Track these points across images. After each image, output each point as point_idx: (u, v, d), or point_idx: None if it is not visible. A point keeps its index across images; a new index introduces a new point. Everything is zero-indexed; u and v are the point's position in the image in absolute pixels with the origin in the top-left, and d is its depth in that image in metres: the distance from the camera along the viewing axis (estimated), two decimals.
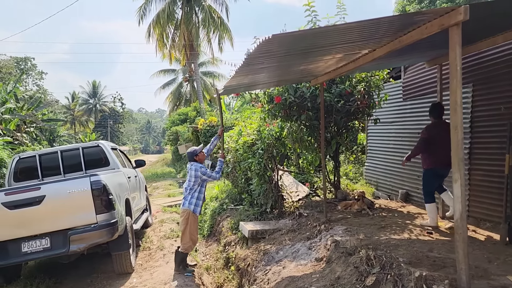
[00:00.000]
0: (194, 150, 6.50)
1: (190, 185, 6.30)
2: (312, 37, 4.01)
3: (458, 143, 3.52)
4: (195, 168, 6.25)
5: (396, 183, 9.11)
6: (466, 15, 3.36)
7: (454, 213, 3.59)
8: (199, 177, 6.23)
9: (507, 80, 6.02)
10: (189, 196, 6.28)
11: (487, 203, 6.39)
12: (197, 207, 6.32)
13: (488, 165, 6.38)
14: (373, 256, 4.31)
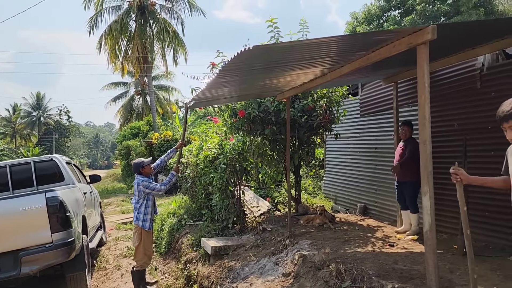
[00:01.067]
0: (141, 162, 6.28)
1: (135, 200, 6.10)
2: (290, 50, 4.03)
3: (427, 157, 3.65)
4: (137, 182, 6.05)
5: (354, 197, 9.32)
6: (434, 35, 3.52)
7: (424, 224, 3.71)
8: (142, 191, 6.02)
9: (459, 98, 6.37)
10: (136, 212, 6.08)
11: (443, 215, 6.66)
12: (145, 222, 6.11)
13: (443, 179, 6.66)
14: (344, 269, 4.34)
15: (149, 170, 6.25)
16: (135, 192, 6.12)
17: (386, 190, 8.18)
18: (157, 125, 29.27)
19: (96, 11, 29.70)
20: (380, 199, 8.37)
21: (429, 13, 22.62)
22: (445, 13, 22.82)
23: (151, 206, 6.15)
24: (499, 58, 5.84)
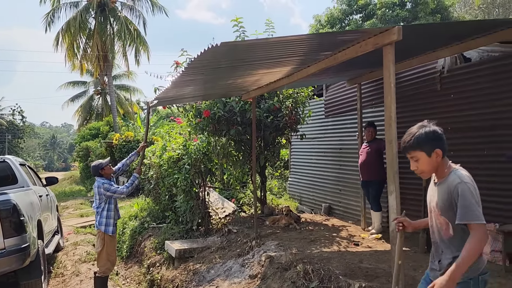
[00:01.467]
0: (99, 163, 5.98)
1: (97, 203, 5.82)
2: (256, 47, 3.98)
3: (393, 156, 3.69)
4: (97, 184, 5.77)
5: (319, 198, 9.39)
6: (399, 36, 3.56)
7: (390, 223, 3.74)
8: (102, 194, 5.75)
9: (420, 100, 6.53)
10: (98, 216, 5.80)
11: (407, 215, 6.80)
12: (108, 227, 5.84)
13: (404, 179, 6.82)
14: (311, 270, 4.32)
15: (109, 170, 6.00)
16: (96, 195, 5.85)
17: (350, 190, 8.28)
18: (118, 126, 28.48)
19: (53, 7, 28.56)
20: (344, 199, 8.47)
21: (389, 17, 23.24)
22: (404, 18, 23.52)
23: (113, 209, 5.89)
24: (458, 61, 6.04)
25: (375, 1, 25.24)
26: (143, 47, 30.21)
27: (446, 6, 25.17)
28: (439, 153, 2.49)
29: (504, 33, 4.64)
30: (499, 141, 5.35)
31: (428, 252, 5.50)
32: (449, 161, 2.52)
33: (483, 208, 5.43)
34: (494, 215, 5.30)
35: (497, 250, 4.94)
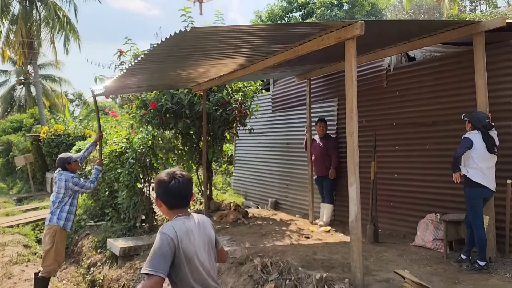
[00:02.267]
0: (68, 156, 5.64)
1: (59, 197, 5.42)
2: (226, 35, 3.85)
3: (354, 148, 3.76)
4: (65, 178, 5.41)
5: (265, 192, 9.42)
6: (362, 30, 3.63)
7: (350, 214, 3.82)
8: (70, 188, 5.41)
9: (367, 96, 6.75)
10: (58, 210, 5.40)
11: None
12: (68, 222, 5.47)
13: None
14: (270, 262, 4.29)
15: (76, 167, 5.67)
16: (59, 189, 5.41)
17: (297, 185, 8.39)
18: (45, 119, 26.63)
19: None
20: (291, 193, 8.57)
21: (327, 17, 23.90)
22: (341, 19, 24.36)
23: (75, 205, 5.57)
24: (403, 60, 6.32)
25: (314, 0, 25.87)
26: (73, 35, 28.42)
27: (380, 9, 26.45)
28: (159, 202, 2.37)
29: (447, 34, 4.91)
30: (440, 136, 5.67)
31: (376, 242, 5.76)
32: (179, 214, 2.33)
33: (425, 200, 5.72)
34: (436, 206, 5.63)
35: (439, 238, 5.24)
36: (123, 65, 7.45)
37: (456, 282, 4.06)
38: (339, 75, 7.35)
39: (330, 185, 7.00)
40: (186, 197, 2.36)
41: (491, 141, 4.32)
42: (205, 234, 2.39)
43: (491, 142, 4.32)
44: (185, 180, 2.33)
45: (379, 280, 4.08)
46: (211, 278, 2.36)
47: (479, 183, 4.33)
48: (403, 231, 6.05)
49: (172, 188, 2.30)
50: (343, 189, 7.19)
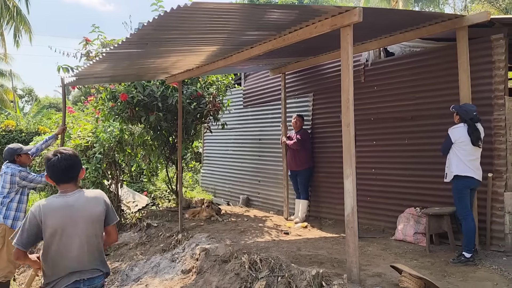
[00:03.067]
0: (18, 148, 5.04)
1: (4, 193, 4.89)
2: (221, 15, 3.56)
3: (350, 140, 3.65)
4: (11, 171, 4.87)
5: (236, 189, 9.21)
6: (360, 17, 3.52)
7: (346, 207, 3.71)
8: (16, 183, 4.88)
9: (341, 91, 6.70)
10: (4, 208, 4.86)
11: (326, 202, 6.97)
12: (17, 221, 4.89)
13: (328, 167, 6.99)
14: (259, 259, 4.11)
15: (26, 160, 5.09)
16: (4, 183, 4.88)
17: (269, 181, 8.26)
18: None
19: None
20: (263, 189, 8.42)
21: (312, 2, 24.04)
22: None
23: (25, 202, 5.00)
24: (381, 55, 6.33)
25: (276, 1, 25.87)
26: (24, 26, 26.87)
27: None
28: (48, 178, 2.60)
29: (430, 28, 4.92)
30: (419, 131, 5.70)
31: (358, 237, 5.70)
32: (62, 190, 2.55)
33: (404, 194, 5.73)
34: (414, 200, 5.67)
35: (419, 232, 5.27)
36: (90, 53, 7.02)
37: (445, 275, 4.05)
38: (313, 69, 7.29)
39: (305, 180, 6.92)
40: (68, 173, 2.53)
41: (476, 134, 4.37)
42: (86, 210, 2.50)
43: (476, 135, 4.36)
44: (66, 156, 2.53)
45: (370, 275, 4.01)
46: (88, 256, 2.50)
47: (464, 175, 4.37)
48: (382, 226, 6.06)
49: (54, 164, 2.50)
50: (317, 184, 7.16)
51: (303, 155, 6.88)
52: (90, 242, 2.50)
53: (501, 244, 4.77)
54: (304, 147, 6.86)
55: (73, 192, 2.53)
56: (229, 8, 3.40)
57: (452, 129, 4.46)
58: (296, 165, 6.92)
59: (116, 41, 6.70)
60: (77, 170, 2.59)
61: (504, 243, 4.74)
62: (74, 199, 2.50)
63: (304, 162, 6.90)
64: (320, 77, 7.21)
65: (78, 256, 2.46)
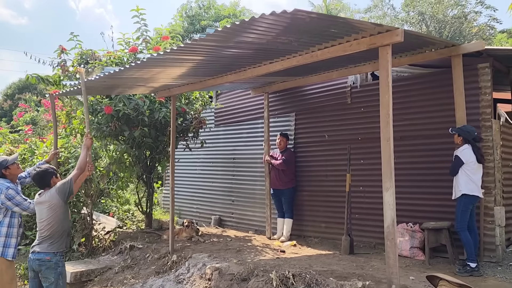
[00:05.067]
0: (3, 160, 4.37)
1: None
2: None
3: (389, 153, 3.78)
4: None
5: (205, 210, 8.96)
6: (402, 38, 3.71)
7: (385, 219, 3.79)
8: (3, 202, 4.20)
9: (329, 112, 6.94)
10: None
11: (311, 220, 7.05)
12: (7, 248, 4.26)
13: (311, 186, 7.11)
14: (292, 274, 4.02)
15: (16, 170, 4.43)
16: None
17: (244, 200, 8.16)
18: None
19: None
20: (238, 209, 8.28)
21: None
22: None
23: (16, 225, 4.33)
24: (368, 78, 6.67)
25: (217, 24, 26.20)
26: None
27: None
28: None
29: (426, 55, 5.31)
30: (407, 150, 6.04)
31: (352, 253, 5.82)
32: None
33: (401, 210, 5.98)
34: (404, 216, 5.93)
35: (415, 246, 5.53)
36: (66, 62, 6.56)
37: None
38: (296, 89, 7.46)
39: (290, 199, 6.96)
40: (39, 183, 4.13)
41: (480, 152, 4.77)
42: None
43: (480, 153, 4.76)
44: (38, 171, 4.12)
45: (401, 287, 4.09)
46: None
47: (474, 195, 4.72)
48: (373, 242, 6.24)
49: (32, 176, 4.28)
50: (300, 203, 7.23)
51: (288, 174, 6.94)
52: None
53: (492, 255, 5.16)
54: (289, 166, 6.93)
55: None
56: (270, 19, 3.31)
57: (461, 152, 4.80)
58: (281, 184, 6.94)
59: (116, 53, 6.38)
60: (46, 180, 4.08)
61: (495, 254, 5.14)
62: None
63: (289, 181, 6.95)
64: (303, 97, 7.39)
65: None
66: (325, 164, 6.97)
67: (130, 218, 8.58)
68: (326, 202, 6.87)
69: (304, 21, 3.25)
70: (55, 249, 4.04)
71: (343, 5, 32.58)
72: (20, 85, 34.66)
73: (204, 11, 27.85)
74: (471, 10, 28.13)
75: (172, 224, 6.04)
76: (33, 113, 18.97)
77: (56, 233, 4.05)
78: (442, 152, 5.57)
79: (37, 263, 3.99)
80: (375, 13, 38.91)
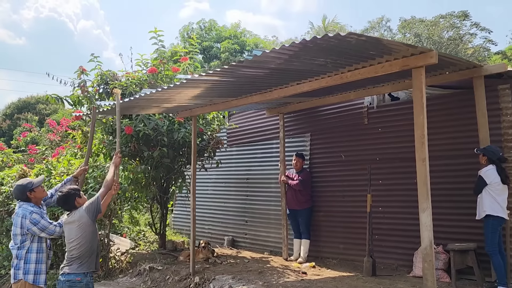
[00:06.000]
0: (28, 182, 4.20)
1: (17, 242, 4.07)
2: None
3: (425, 174, 3.78)
4: (22, 213, 4.05)
5: (217, 230, 8.87)
6: (436, 60, 3.76)
7: (422, 241, 3.76)
8: (26, 227, 4.03)
9: (346, 132, 6.97)
10: (21, 261, 4.06)
11: (328, 241, 7.00)
12: (39, 275, 4.11)
13: (328, 207, 7.08)
14: None
15: (41, 193, 4.27)
16: (15, 228, 4.06)
17: (259, 221, 8.11)
18: None
19: None
20: (251, 230, 8.22)
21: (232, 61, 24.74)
22: None
23: (45, 250, 4.16)
24: (385, 99, 6.73)
25: (218, 45, 26.54)
26: None
27: None
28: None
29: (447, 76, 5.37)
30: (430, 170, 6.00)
31: (374, 275, 5.76)
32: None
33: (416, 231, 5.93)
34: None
35: (439, 268, 5.48)
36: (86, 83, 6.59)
37: None
38: (311, 110, 7.50)
39: (307, 219, 6.92)
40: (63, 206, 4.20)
41: (505, 173, 4.79)
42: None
43: (505, 174, 4.78)
44: (60, 195, 4.06)
45: None
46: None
47: (496, 215, 4.72)
48: (394, 264, 6.19)
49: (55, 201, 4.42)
50: (317, 223, 7.19)
51: (305, 194, 6.92)
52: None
53: None
54: (306, 187, 6.91)
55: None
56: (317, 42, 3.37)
57: (485, 172, 4.82)
58: (298, 204, 6.92)
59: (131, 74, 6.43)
60: (71, 202, 4.01)
61: None
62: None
63: (305, 201, 6.92)
64: (318, 117, 7.43)
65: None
66: (341, 185, 6.96)
67: (141, 239, 8.47)
68: (343, 222, 6.83)
69: (350, 43, 3.29)
70: (85, 269, 3.97)
71: (341, 27, 33.21)
72: (19, 105, 34.68)
73: (205, 32, 28.22)
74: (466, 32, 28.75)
75: (193, 245, 5.97)
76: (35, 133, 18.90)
77: (86, 253, 3.99)
78: (464, 173, 5.59)
79: (67, 284, 3.91)
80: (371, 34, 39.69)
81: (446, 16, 31.69)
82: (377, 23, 40.27)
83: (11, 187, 7.32)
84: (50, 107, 34.74)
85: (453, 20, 31.78)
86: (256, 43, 27.61)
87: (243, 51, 26.73)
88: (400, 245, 6.19)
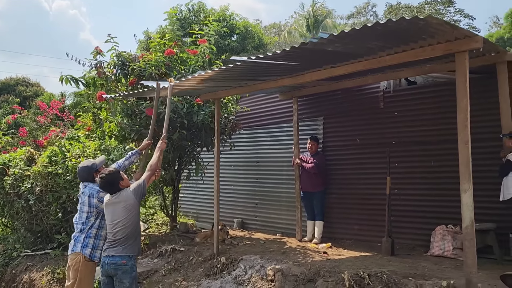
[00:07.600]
0: (92, 163, 4.49)
1: (83, 218, 4.27)
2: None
3: (468, 156, 3.90)
4: (89, 192, 4.28)
5: (226, 213, 8.90)
6: (481, 44, 3.83)
7: (464, 220, 3.89)
8: (95, 206, 4.26)
9: (361, 116, 7.06)
10: (83, 235, 4.23)
11: (343, 223, 7.14)
12: (95, 251, 4.29)
13: (341, 189, 7.21)
14: (367, 274, 4.08)
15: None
16: (82, 206, 4.24)
17: (269, 203, 8.19)
18: None
19: None
20: (262, 212, 8.30)
21: (221, 45, 24.44)
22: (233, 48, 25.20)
23: (105, 227, 4.25)
24: (401, 83, 6.83)
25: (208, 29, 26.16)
26: None
27: (265, 44, 28.15)
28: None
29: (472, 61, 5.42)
30: (444, 154, 6.21)
31: (393, 255, 5.93)
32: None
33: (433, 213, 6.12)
34: (443, 218, 6.11)
35: (458, 247, 5.68)
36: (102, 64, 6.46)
37: None
38: (324, 94, 7.54)
39: (321, 201, 7.04)
40: (107, 189, 4.09)
41: None
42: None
43: None
44: (102, 177, 4.07)
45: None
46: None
47: None
48: (411, 244, 6.37)
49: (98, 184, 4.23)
50: (330, 205, 7.31)
51: (319, 177, 7.01)
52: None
53: None
54: (320, 170, 7.01)
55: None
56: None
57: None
58: (312, 186, 7.01)
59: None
60: (116, 185, 4.03)
61: None
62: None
63: (320, 184, 7.03)
64: (332, 101, 7.49)
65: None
66: (355, 168, 7.08)
67: (150, 221, 8.46)
68: (358, 204, 6.97)
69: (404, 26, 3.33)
70: (130, 252, 3.99)
71: (328, 12, 33.17)
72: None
73: (194, 14, 27.76)
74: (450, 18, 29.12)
75: (217, 226, 6.03)
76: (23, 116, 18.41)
77: (132, 235, 4.00)
78: (484, 156, 5.75)
79: (112, 267, 3.93)
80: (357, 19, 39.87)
81: (432, 2, 32.01)
82: (363, 8, 40.34)
83: (20, 170, 7.20)
84: (30, 89, 33.88)
85: (438, 6, 32.14)
86: (246, 25, 27.32)
87: (232, 35, 26.49)
88: (417, 226, 6.37)
